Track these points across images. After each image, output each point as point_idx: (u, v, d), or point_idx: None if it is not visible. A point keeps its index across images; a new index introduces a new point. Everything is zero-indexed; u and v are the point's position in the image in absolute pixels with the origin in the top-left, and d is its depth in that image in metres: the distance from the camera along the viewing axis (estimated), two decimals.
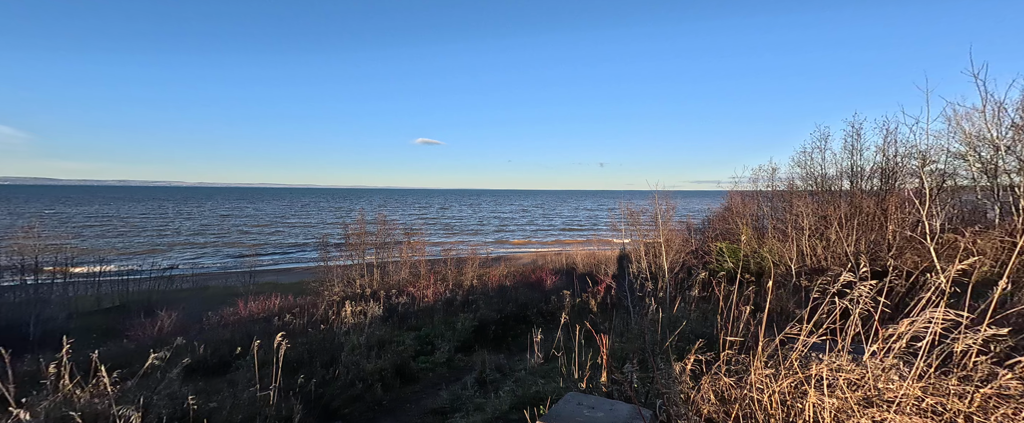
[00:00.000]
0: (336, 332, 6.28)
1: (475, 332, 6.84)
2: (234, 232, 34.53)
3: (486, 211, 66.36)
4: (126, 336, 7.80)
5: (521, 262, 17.87)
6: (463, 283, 10.12)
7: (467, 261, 11.94)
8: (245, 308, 8.61)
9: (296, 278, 15.75)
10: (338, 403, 4.40)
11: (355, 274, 11.82)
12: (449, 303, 8.50)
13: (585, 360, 3.22)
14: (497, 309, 7.95)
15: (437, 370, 5.65)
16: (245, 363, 4.94)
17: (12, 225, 22.39)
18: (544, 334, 5.22)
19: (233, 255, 24.13)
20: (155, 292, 13.48)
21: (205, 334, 6.56)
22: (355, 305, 7.16)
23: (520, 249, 24.77)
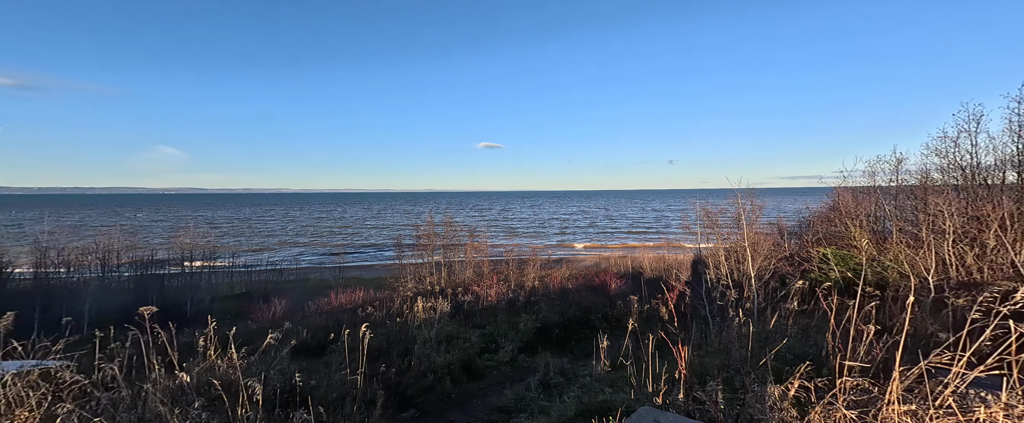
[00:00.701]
0: (409, 325, 6.78)
1: (538, 334, 6.83)
2: (325, 233, 39.69)
3: (547, 213, 66.17)
4: (250, 318, 9.42)
5: (583, 264, 17.40)
6: (525, 284, 10.19)
7: (528, 262, 12.01)
8: (336, 299, 9.80)
9: (375, 274, 17.47)
10: (412, 392, 4.74)
11: (425, 272, 12.70)
12: (511, 303, 8.62)
13: (659, 372, 2.99)
14: (559, 312, 7.84)
15: (501, 369, 5.76)
16: (337, 348, 5.60)
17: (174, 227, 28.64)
18: (610, 340, 4.98)
19: (325, 253, 27.70)
20: (269, 282, 16.11)
21: (306, 320, 7.60)
22: (426, 301, 7.66)
23: (582, 251, 24.14)
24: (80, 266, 13.64)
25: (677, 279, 7.84)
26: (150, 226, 35.37)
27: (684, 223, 8.63)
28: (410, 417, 4.22)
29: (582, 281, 10.79)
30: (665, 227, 38.61)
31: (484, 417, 4.12)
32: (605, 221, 48.01)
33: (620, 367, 4.16)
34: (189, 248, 15.40)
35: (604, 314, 7.90)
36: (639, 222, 45.74)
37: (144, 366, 2.64)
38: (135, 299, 11.93)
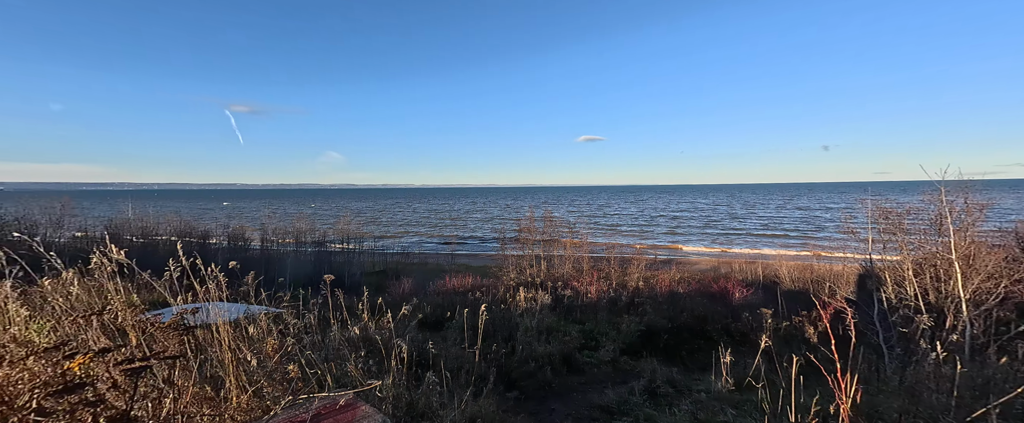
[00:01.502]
0: (512, 313, 7.21)
1: (642, 337, 6.42)
2: (439, 223, 45.02)
3: (654, 209, 60.70)
4: (387, 291, 11.45)
5: (697, 267, 15.44)
6: (627, 284, 9.65)
7: (631, 261, 11.31)
8: (449, 282, 11.09)
9: (481, 263, 19.05)
10: (516, 375, 5.06)
11: (525, 264, 13.24)
12: (613, 302, 8.30)
13: (804, 403, 2.48)
14: (667, 317, 7.19)
15: (601, 368, 5.64)
16: (453, 325, 6.37)
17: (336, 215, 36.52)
18: (733, 356, 4.35)
19: (439, 241, 31.47)
20: (399, 263, 19.24)
21: (428, 298, 8.83)
22: (527, 292, 8.02)
23: (695, 253, 21.41)
24: (283, 242, 18.83)
25: (832, 295, 6.28)
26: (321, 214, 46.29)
27: (846, 226, 6.83)
28: (514, 398, 4.52)
29: (696, 286, 9.62)
30: (815, 229, 30.96)
31: (586, 413, 4.12)
32: (727, 219, 41.27)
33: (748, 389, 3.60)
34: (345, 232, 19.64)
35: (725, 326, 6.92)
36: (776, 222, 37.84)
37: (325, 319, 3.53)
38: (314, 269, 15.85)
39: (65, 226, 14.47)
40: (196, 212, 40.38)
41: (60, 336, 1.86)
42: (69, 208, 15.08)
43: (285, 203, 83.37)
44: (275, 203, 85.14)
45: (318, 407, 1.63)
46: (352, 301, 5.91)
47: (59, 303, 1.91)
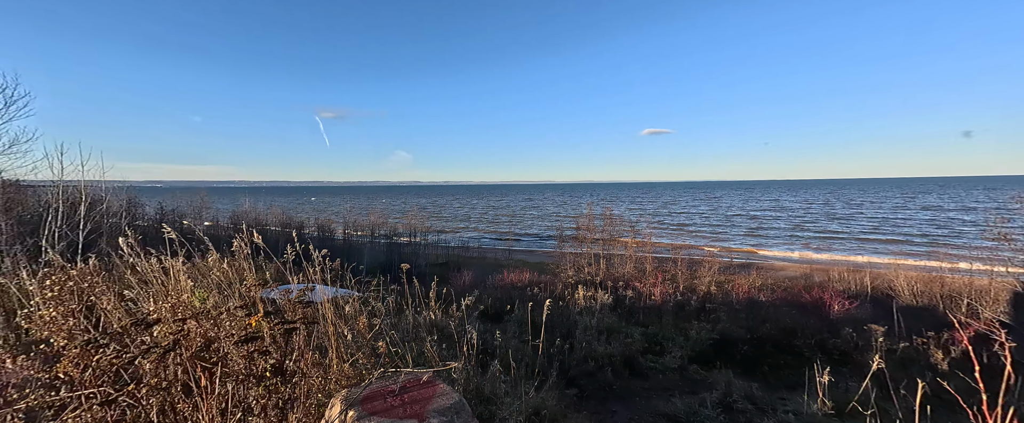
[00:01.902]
0: (571, 311, 7.14)
1: (714, 347, 5.91)
2: (496, 219, 46.14)
3: (730, 206, 54.88)
4: (449, 282, 12.13)
5: (782, 274, 13.64)
6: (697, 288, 8.92)
7: (702, 264, 10.41)
8: (507, 277, 11.35)
9: (537, 259, 19.14)
10: (574, 373, 5.02)
11: (583, 262, 12.99)
12: (680, 307, 7.75)
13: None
14: (745, 326, 6.51)
15: (667, 375, 5.32)
16: (512, 318, 6.53)
17: (405, 211, 39.52)
18: (831, 376, 3.79)
19: (496, 237, 32.29)
20: (459, 256, 20.22)
21: (487, 292, 9.16)
22: (586, 290, 7.87)
23: (782, 257, 18.89)
24: (360, 234, 20.99)
25: (973, 314, 5.11)
26: (390, 209, 50.63)
27: (998, 231, 5.49)
28: (573, 395, 4.50)
29: (782, 295, 8.53)
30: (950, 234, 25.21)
31: (650, 420, 3.94)
32: (824, 220, 35.58)
33: (851, 415, 3.12)
34: (412, 226, 21.24)
35: (819, 341, 6.04)
36: (893, 224, 31.65)
37: (400, 304, 3.88)
38: (387, 258, 17.41)
39: (202, 216, 17.96)
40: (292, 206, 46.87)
41: (214, 304, 2.29)
42: (205, 202, 18.70)
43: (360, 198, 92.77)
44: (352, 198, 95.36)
45: (404, 381, 1.82)
46: (421, 290, 6.38)
47: (215, 276, 2.39)
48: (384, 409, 1.59)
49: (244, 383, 1.00)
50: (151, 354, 0.97)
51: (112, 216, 11.14)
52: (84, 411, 1.06)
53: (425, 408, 1.62)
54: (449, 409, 1.64)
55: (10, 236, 6.79)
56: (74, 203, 8.70)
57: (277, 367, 1.02)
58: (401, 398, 1.69)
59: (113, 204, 11.91)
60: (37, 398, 0.96)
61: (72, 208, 8.63)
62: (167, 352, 0.99)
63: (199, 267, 2.90)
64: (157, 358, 0.97)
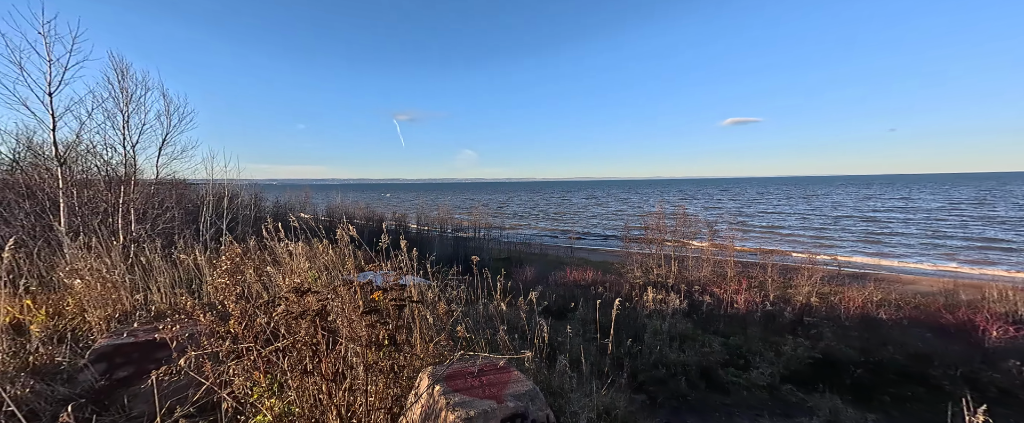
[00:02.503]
0: (639, 313, 6.80)
1: (816, 367, 5.12)
2: (558, 217, 45.70)
3: (838, 205, 46.47)
4: (512, 277, 12.43)
5: (912, 288, 11.16)
6: (792, 298, 7.77)
7: (799, 271, 9.03)
8: (570, 275, 11.22)
9: (601, 257, 18.53)
10: (643, 378, 4.79)
11: (652, 263, 12.22)
12: (769, 318, 6.86)
13: None
14: (858, 347, 5.51)
15: (753, 392, 4.77)
16: (575, 316, 6.46)
17: (470, 206, 41.33)
18: (987, 416, 3.02)
19: (557, 233, 32.01)
20: (521, 252, 20.55)
21: (550, 288, 9.18)
22: (656, 293, 7.41)
23: (911, 268, 15.45)
24: (432, 226, 22.59)
25: None
26: (457, 205, 53.44)
27: None
28: (642, 401, 4.30)
29: (911, 313, 7.01)
30: None
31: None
32: (980, 226, 28.14)
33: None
34: (476, 222, 22.21)
35: (967, 373, 4.86)
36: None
37: (470, 294, 4.11)
38: (453, 251, 18.48)
39: (306, 210, 21.11)
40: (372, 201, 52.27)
41: (322, 282, 2.68)
42: (308, 197, 22.00)
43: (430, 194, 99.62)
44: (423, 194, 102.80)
45: (481, 364, 1.94)
46: (488, 282, 6.65)
47: (322, 259, 2.81)
48: (465, 387, 1.72)
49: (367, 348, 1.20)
50: (305, 317, 1.23)
51: (244, 208, 13.73)
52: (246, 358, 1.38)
53: (502, 391, 1.71)
54: (524, 395, 1.71)
55: (181, 223, 8.79)
56: (220, 197, 10.94)
57: (391, 336, 1.19)
58: (480, 380, 1.81)
59: (245, 198, 14.67)
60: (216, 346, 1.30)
61: (218, 201, 10.89)
62: (319, 315, 1.23)
63: (312, 251, 3.43)
64: (311, 320, 1.22)
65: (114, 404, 1.99)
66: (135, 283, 3.33)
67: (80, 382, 2.16)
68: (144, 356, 2.08)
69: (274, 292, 2.44)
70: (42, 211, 6.26)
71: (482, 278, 4.82)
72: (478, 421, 1.52)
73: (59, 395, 2.09)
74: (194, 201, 12.41)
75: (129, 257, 4.73)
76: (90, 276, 2.87)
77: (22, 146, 8.04)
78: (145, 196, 7.67)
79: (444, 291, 3.32)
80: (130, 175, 7.65)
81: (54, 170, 6.07)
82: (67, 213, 5.95)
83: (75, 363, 2.33)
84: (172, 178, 9.69)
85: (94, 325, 2.80)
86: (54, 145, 5.73)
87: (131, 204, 7.50)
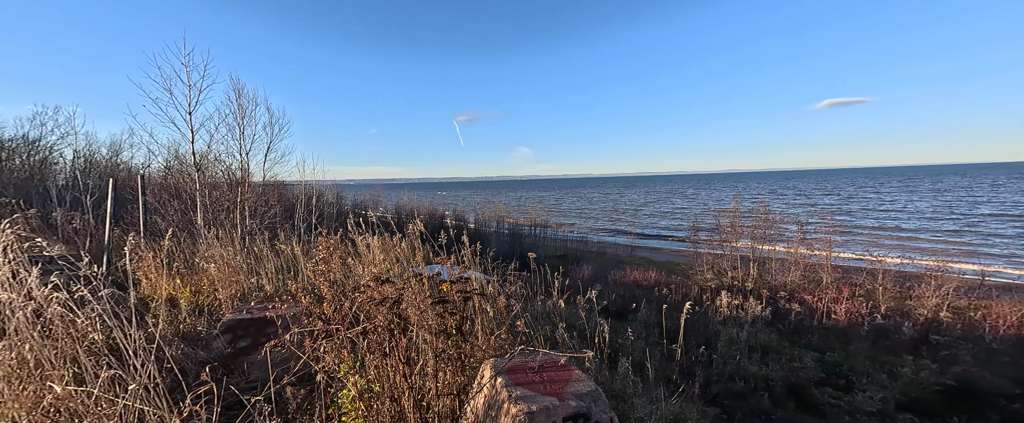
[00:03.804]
0: (710, 318, 6.23)
1: (949, 396, 4.19)
2: (619, 214, 43.75)
3: (977, 199, 37.24)
4: (568, 275, 12.25)
5: None
6: (913, 311, 6.44)
7: (921, 279, 7.43)
8: (631, 275, 10.69)
9: (664, 257, 17.33)
10: (717, 390, 4.38)
11: (726, 265, 11.08)
12: (881, 333, 5.79)
13: None
14: (1012, 376, 4.38)
15: (858, 418, 4.08)
16: (637, 318, 6.15)
17: (526, 203, 41.66)
18: None
19: (615, 231, 30.67)
20: (578, 250, 20.13)
21: (609, 288, 8.86)
22: (731, 297, 6.70)
23: None
24: (488, 222, 23.29)
25: None
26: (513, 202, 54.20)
27: None
28: (715, 414, 3.94)
29: None
30: None
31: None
32: None
33: None
34: (532, 218, 22.32)
35: None
36: None
37: (529, 291, 4.14)
38: (510, 247, 18.79)
39: (378, 206, 23.21)
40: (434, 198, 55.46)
41: (397, 273, 2.90)
42: (380, 196, 24.18)
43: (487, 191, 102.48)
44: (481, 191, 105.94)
45: (542, 361, 1.94)
46: (545, 278, 6.65)
47: (395, 252, 3.05)
48: (527, 382, 1.73)
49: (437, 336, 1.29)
50: (385, 303, 1.37)
51: (329, 205, 15.62)
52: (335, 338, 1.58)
53: (564, 389, 1.69)
54: (587, 395, 1.67)
55: (281, 218, 10.29)
56: (310, 196, 12.59)
57: (459, 327, 1.26)
58: (541, 375, 1.81)
59: (329, 196, 16.68)
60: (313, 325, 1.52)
61: (309, 199, 12.55)
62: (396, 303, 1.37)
63: (386, 245, 3.75)
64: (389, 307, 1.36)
65: (238, 369, 2.42)
66: (251, 268, 3.99)
67: (214, 348, 2.66)
68: (258, 330, 2.49)
69: (354, 281, 2.74)
70: (185, 208, 7.80)
71: (539, 274, 4.83)
72: (540, 416, 1.53)
73: (200, 357, 2.60)
74: (290, 200, 14.49)
75: (245, 247, 5.70)
76: (220, 261, 3.53)
77: (172, 156, 10.09)
78: (255, 195, 9.16)
79: (503, 286, 3.39)
80: (244, 178, 9.14)
81: (193, 175, 7.51)
82: (202, 210, 7.31)
83: (210, 332, 2.88)
84: (274, 180, 11.36)
85: (223, 302, 3.42)
86: (193, 154, 7.08)
87: (245, 202, 8.98)
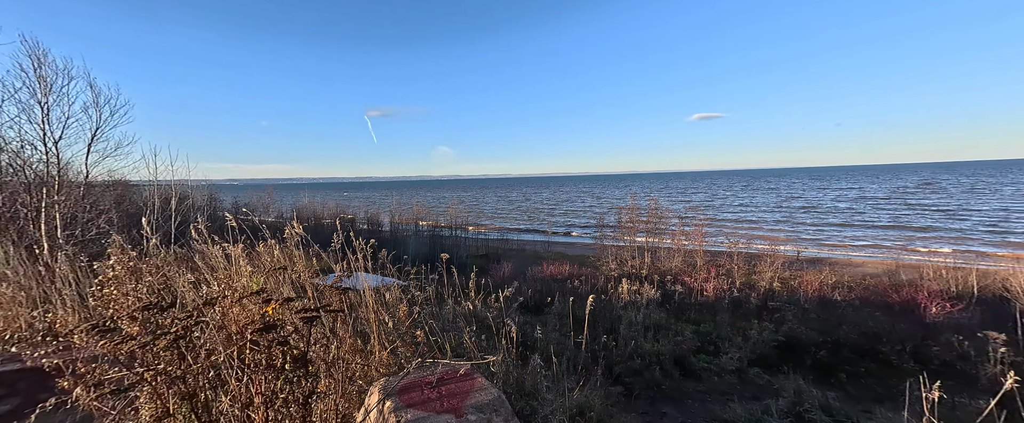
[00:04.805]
0: (614, 305, 6.84)
1: (780, 350, 5.32)
2: (534, 212, 45.92)
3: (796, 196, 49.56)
4: (489, 274, 12.24)
5: (861, 271, 12.02)
6: (756, 284, 8.11)
7: (762, 258, 9.46)
8: (547, 269, 11.19)
9: (577, 252, 18.71)
10: (620, 370, 4.78)
11: (626, 255, 12.43)
12: (737, 304, 7.11)
13: None
14: (818, 328, 5.79)
15: (723, 377, 4.89)
16: (552, 311, 6.39)
17: (446, 204, 40.60)
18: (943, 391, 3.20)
19: (535, 228, 32.10)
20: (499, 249, 20.38)
21: (527, 283, 9.08)
22: (630, 284, 7.49)
23: (858, 253, 16.70)
24: (406, 225, 21.97)
25: None
26: (433, 203, 52.44)
27: None
28: (618, 393, 4.28)
29: (862, 294, 7.48)
30: None
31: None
32: (904, 212, 30.89)
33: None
34: (452, 219, 21.83)
35: (913, 349, 5.20)
36: (1000, 215, 26.63)
37: (441, 294, 3.90)
38: (429, 249, 18.01)
39: (270, 210, 19.88)
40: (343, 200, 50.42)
41: (268, 287, 2.40)
42: (272, 197, 20.71)
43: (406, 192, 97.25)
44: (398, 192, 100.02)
45: (442, 372, 1.76)
46: (461, 280, 6.46)
47: (265, 261, 2.51)
48: (421, 401, 1.54)
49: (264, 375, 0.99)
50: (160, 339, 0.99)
51: (197, 210, 12.69)
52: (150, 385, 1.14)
53: (463, 403, 1.54)
54: (487, 405, 1.55)
55: (120, 227, 7.94)
56: (167, 198, 10.02)
57: (299, 358, 1.00)
58: (438, 390, 1.63)
59: (198, 199, 13.56)
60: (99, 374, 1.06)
61: (165, 202, 9.96)
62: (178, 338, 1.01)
63: (259, 254, 3.10)
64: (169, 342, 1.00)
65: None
66: (46, 296, 2.88)
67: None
68: (36, 384, 1.75)
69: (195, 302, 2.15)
70: None
71: (452, 276, 4.61)
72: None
73: None
74: (137, 203, 11.32)
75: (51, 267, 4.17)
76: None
77: None
78: (72, 199, 6.84)
79: (408, 291, 3.10)
80: (53, 175, 6.80)
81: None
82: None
83: None
84: (108, 178, 8.72)
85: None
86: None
87: (56, 207, 6.67)
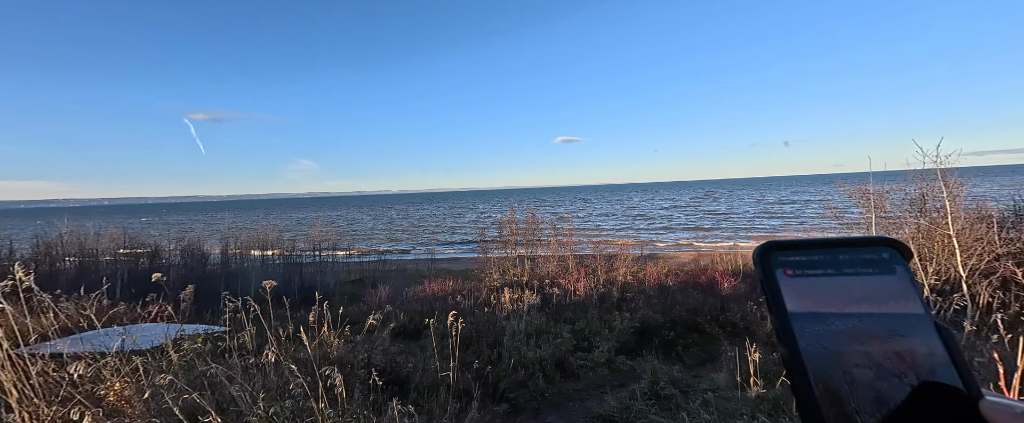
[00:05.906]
0: (498, 316, 6.71)
1: (637, 335, 6.08)
2: (416, 229, 43.82)
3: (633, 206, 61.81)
4: (362, 300, 10.63)
5: (679, 261, 15.51)
6: (616, 279, 9.37)
7: (617, 257, 11.10)
8: (429, 287, 10.43)
9: (462, 266, 18.38)
10: (504, 386, 4.55)
11: (509, 265, 12.78)
12: (603, 299, 7.96)
13: None
14: (661, 312, 6.91)
15: (597, 370, 5.24)
16: (433, 332, 5.78)
17: (307, 224, 34.59)
18: (731, 348, 4.08)
19: (418, 246, 30.42)
20: (376, 271, 18.25)
21: (404, 305, 8.17)
22: (513, 293, 7.54)
23: (676, 248, 21.68)
24: (249, 254, 17.42)
25: None
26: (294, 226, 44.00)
27: (830, 210, 6.79)
28: (503, 412, 4.01)
29: (684, 279, 9.46)
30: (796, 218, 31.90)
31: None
32: (697, 216, 42.37)
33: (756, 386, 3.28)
34: (317, 241, 18.50)
35: (714, 317, 6.70)
36: (754, 215, 39.27)
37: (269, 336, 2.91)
38: (284, 280, 14.65)
39: None
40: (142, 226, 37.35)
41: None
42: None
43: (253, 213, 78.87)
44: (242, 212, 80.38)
45: None
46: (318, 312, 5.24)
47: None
48: None
49: None
50: None
51: None
52: None
53: None
54: None
55: None
56: None
57: None
58: None
59: None
60: None
61: None
62: None
63: None
64: None
65: None
66: None
67: None
68: None
69: None
70: None
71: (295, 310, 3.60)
72: None
73: None
74: None
75: None
76: None
77: None
78: None
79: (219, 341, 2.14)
80: None
81: None
82: None
83: None
84: None
85: None
86: None
87: None
